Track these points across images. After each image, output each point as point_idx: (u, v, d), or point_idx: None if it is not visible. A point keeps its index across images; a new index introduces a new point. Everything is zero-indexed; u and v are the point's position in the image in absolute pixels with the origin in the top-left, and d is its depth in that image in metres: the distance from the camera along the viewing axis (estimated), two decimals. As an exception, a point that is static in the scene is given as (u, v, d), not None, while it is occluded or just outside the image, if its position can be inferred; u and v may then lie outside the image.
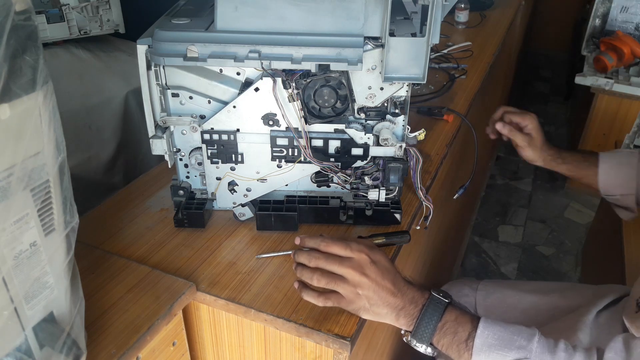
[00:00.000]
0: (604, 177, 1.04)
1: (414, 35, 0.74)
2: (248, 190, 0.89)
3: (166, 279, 0.78)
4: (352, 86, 0.79)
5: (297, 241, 0.74)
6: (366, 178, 0.87)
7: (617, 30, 2.15)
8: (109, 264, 0.81)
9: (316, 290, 0.72)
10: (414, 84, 0.80)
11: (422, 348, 0.72)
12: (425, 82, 0.76)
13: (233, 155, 0.85)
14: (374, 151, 0.84)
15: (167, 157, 0.85)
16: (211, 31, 0.76)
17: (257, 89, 0.79)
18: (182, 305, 0.76)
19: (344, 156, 0.85)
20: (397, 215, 0.90)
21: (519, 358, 0.69)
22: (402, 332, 0.73)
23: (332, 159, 0.85)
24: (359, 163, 0.86)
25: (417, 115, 1.27)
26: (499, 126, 1.08)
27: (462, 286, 1.14)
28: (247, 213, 0.91)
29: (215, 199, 0.91)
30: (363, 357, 0.86)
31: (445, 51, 1.65)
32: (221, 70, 0.81)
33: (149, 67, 0.78)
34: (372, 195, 0.89)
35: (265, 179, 0.88)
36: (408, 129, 0.85)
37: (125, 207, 0.96)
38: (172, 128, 0.85)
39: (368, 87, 0.79)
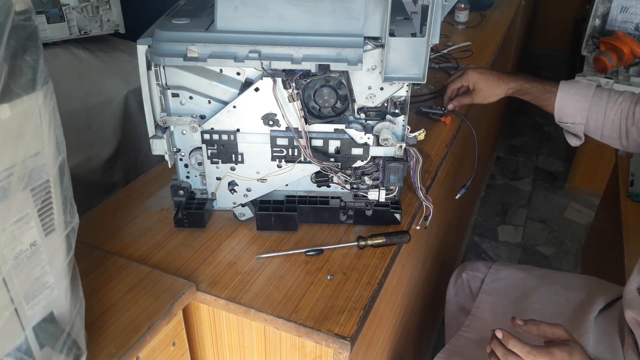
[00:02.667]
0: (559, 105, 1.12)
1: (414, 35, 0.74)
2: (248, 190, 0.89)
3: (166, 279, 0.78)
4: (352, 86, 0.79)
5: (500, 335, 0.77)
6: (366, 178, 0.87)
7: (617, 30, 2.15)
8: (109, 264, 0.81)
9: None
10: (413, 84, 0.80)
11: None
12: (425, 82, 0.76)
13: (233, 155, 0.85)
14: (374, 151, 0.84)
15: (167, 157, 0.85)
16: (211, 31, 0.76)
17: (257, 89, 0.79)
18: (182, 305, 0.76)
19: (344, 156, 0.85)
20: (397, 215, 0.90)
21: None
22: None
23: (332, 159, 0.85)
24: (359, 163, 0.86)
25: (417, 115, 1.27)
26: (450, 107, 1.21)
27: (478, 264, 1.23)
28: (247, 213, 0.91)
29: (215, 199, 0.91)
30: (363, 357, 0.86)
31: (445, 51, 1.65)
32: (221, 70, 0.81)
33: (149, 67, 0.78)
34: (372, 195, 0.89)
35: (265, 179, 0.88)
36: (408, 129, 0.85)
37: (125, 207, 0.96)
38: (172, 128, 0.85)
39: (368, 87, 0.79)
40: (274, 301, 0.76)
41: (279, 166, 0.86)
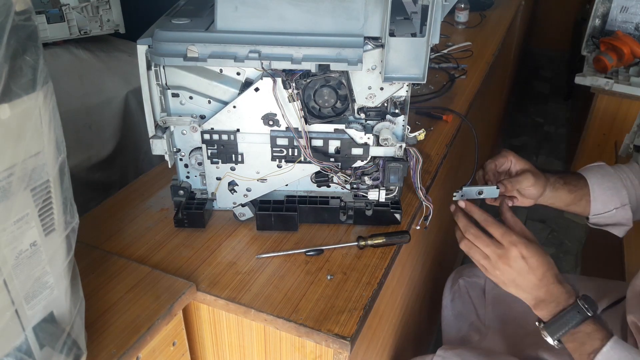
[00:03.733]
0: (598, 191, 0.94)
1: (414, 35, 0.74)
2: (248, 190, 0.89)
3: (166, 279, 0.78)
4: (352, 86, 0.79)
5: (462, 204, 0.81)
6: (366, 178, 0.87)
7: (617, 30, 2.15)
8: (108, 264, 0.81)
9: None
10: (414, 84, 0.80)
11: (549, 340, 0.75)
12: (425, 82, 0.76)
13: (233, 155, 0.85)
14: (374, 151, 0.84)
15: (167, 157, 0.85)
16: (211, 31, 0.76)
17: (257, 89, 0.79)
18: (182, 305, 0.76)
19: (344, 156, 0.85)
20: (397, 215, 0.90)
21: None
22: (537, 319, 0.77)
23: (332, 159, 0.85)
24: (359, 163, 0.86)
25: (417, 115, 1.27)
26: (501, 188, 0.88)
27: (475, 269, 1.18)
28: (247, 213, 0.91)
29: (215, 199, 0.91)
30: (363, 357, 0.86)
31: (445, 51, 1.65)
32: (221, 70, 0.81)
33: (149, 67, 0.78)
34: (372, 195, 0.89)
35: (265, 179, 0.88)
36: (408, 129, 0.85)
37: (125, 207, 0.96)
38: (172, 128, 0.85)
39: (368, 87, 0.79)
40: (274, 301, 0.76)
41: (279, 166, 0.86)
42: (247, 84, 0.81)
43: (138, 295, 0.75)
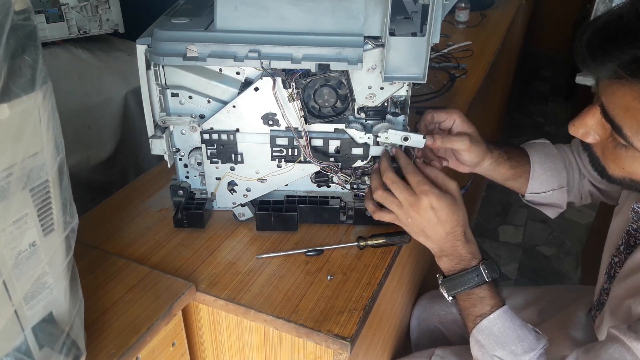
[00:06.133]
0: (538, 170, 0.92)
1: (414, 34, 0.74)
2: (248, 190, 0.89)
3: (166, 279, 0.78)
4: (352, 86, 0.79)
5: (393, 151, 0.81)
6: (366, 178, 0.87)
7: (617, 30, 2.14)
8: (108, 264, 0.81)
9: (380, 205, 0.79)
10: (414, 84, 0.79)
11: (445, 294, 0.77)
12: (425, 81, 0.75)
13: (233, 155, 0.85)
14: (374, 151, 0.84)
15: (166, 157, 0.85)
16: (211, 31, 0.76)
17: (256, 89, 0.79)
18: (182, 305, 0.76)
19: (344, 156, 0.85)
20: (397, 215, 0.90)
21: None
22: (439, 272, 0.79)
23: (332, 159, 0.85)
24: (359, 163, 0.85)
25: (418, 115, 1.26)
26: (428, 141, 0.81)
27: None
28: (247, 213, 0.91)
29: (215, 199, 0.90)
30: (363, 357, 0.86)
31: (445, 51, 1.65)
32: (221, 70, 0.80)
33: (148, 67, 0.78)
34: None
35: (265, 179, 0.88)
36: (408, 129, 0.85)
37: (125, 207, 0.96)
38: (171, 128, 0.85)
39: (368, 86, 0.79)
40: (274, 301, 0.76)
41: (279, 166, 0.86)
42: (247, 83, 0.80)
43: (137, 296, 0.75)
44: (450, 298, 0.77)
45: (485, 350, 0.73)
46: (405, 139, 0.80)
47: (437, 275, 0.79)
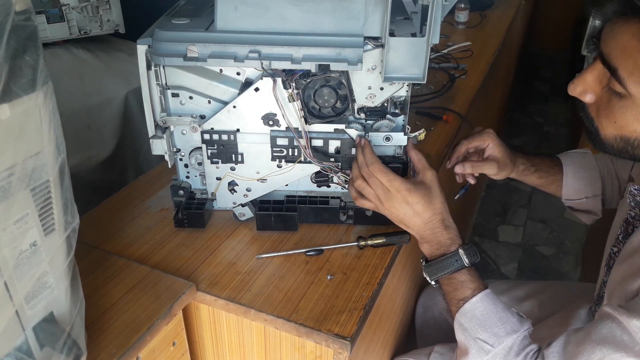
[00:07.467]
0: (571, 180, 0.99)
1: (414, 35, 0.74)
2: (248, 190, 0.89)
3: (166, 279, 0.78)
4: (352, 86, 0.79)
5: (362, 142, 0.81)
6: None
7: (617, 30, 2.14)
8: (108, 264, 0.81)
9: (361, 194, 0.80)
10: (414, 84, 0.80)
11: (427, 278, 0.78)
12: (425, 82, 0.76)
13: (233, 155, 0.85)
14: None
15: (167, 157, 0.85)
16: (211, 31, 0.76)
17: (257, 89, 0.79)
18: (182, 305, 0.76)
19: (344, 156, 0.85)
20: (397, 215, 0.90)
21: (486, 342, 0.72)
22: (421, 257, 0.80)
23: (332, 159, 0.85)
24: (359, 163, 0.85)
25: (417, 115, 1.27)
26: (458, 169, 0.93)
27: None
28: (247, 213, 0.91)
29: (215, 199, 0.91)
30: (363, 357, 0.86)
31: (445, 51, 1.65)
32: (221, 70, 0.81)
33: (149, 67, 0.78)
34: (372, 195, 0.88)
35: (265, 179, 0.88)
36: (408, 128, 0.85)
37: (125, 207, 0.96)
38: (172, 128, 0.85)
39: (368, 87, 0.79)
40: (274, 301, 0.76)
41: (279, 166, 0.86)
42: (247, 83, 0.81)
43: (138, 296, 0.75)
44: (434, 283, 0.78)
45: (469, 333, 0.74)
46: (387, 139, 0.84)
47: (420, 260, 0.80)
